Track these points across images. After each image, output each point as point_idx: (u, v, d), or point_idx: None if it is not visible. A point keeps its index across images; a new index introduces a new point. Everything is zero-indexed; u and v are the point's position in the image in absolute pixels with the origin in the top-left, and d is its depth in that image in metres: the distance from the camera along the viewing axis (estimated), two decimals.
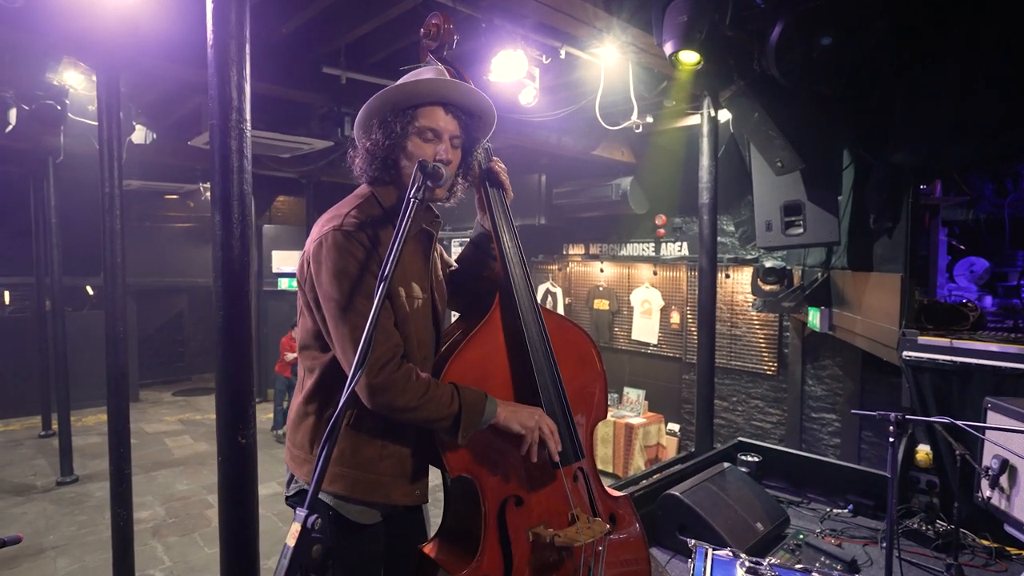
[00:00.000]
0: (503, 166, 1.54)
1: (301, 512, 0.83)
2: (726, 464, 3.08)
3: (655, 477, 3.45)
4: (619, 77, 3.57)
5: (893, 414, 1.56)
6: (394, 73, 4.24)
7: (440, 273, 1.54)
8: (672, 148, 5.92)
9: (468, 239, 1.63)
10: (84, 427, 7.63)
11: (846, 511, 2.96)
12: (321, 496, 1.30)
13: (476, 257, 1.60)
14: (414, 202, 1.12)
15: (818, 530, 2.77)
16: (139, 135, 4.82)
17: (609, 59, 3.31)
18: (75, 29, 3.08)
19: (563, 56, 3.19)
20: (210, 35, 1.67)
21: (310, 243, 1.28)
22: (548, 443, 1.29)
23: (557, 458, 1.32)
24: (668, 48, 2.59)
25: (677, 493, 2.66)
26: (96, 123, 3.34)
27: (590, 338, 1.57)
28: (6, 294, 8.72)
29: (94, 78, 3.47)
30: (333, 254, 1.22)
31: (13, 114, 4.58)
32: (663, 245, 6.84)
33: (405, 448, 1.33)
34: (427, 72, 1.37)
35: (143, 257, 8.93)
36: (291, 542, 0.81)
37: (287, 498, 1.36)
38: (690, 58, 2.62)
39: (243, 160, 1.71)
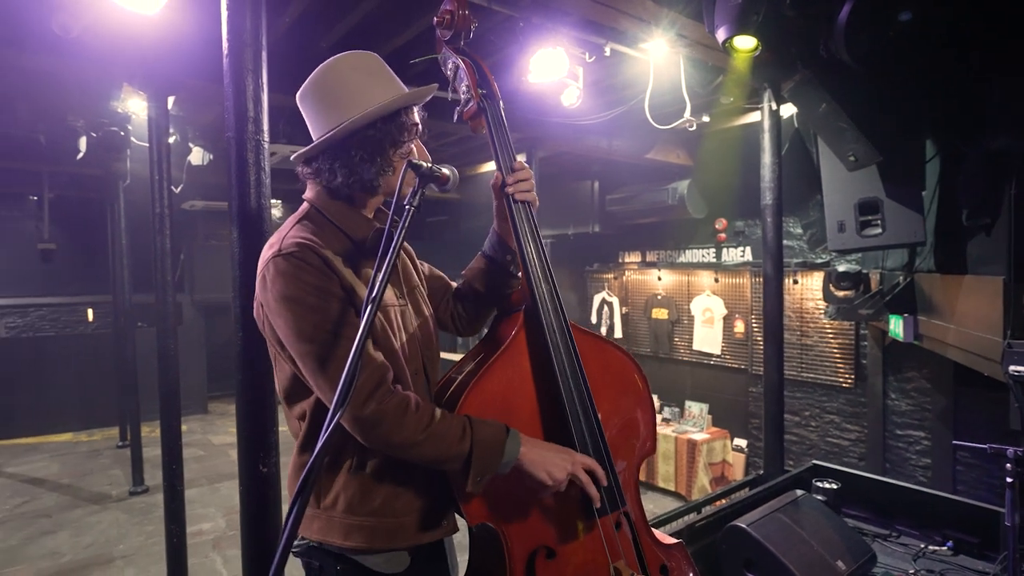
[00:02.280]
0: (528, 171, 1.35)
1: None
2: (799, 492, 2.77)
3: (720, 504, 3.17)
4: (670, 73, 3.35)
5: (1012, 450, 1.29)
6: (437, 81, 4.20)
7: (415, 276, 1.38)
8: (731, 148, 5.59)
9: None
10: (155, 439, 7.96)
11: (945, 548, 2.60)
12: (336, 551, 1.16)
13: (490, 269, 1.42)
14: (410, 209, 0.99)
15: (911, 570, 2.43)
16: (197, 156, 4.97)
17: (658, 54, 3.10)
18: (126, 55, 3.16)
19: (608, 53, 3.01)
20: (225, 44, 1.60)
21: (257, 283, 1.13)
22: (588, 490, 1.11)
23: (598, 504, 1.13)
24: (721, 34, 2.36)
25: (744, 525, 2.40)
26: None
27: (634, 362, 1.36)
28: (89, 312, 9.29)
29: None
30: (278, 283, 1.06)
31: (83, 142, 4.82)
32: (724, 250, 6.48)
33: (420, 478, 1.17)
34: (367, 59, 1.24)
35: (211, 274, 9.31)
36: None
37: (294, 552, 1.22)
38: (746, 44, 2.38)
39: (260, 173, 1.63)
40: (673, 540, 1.35)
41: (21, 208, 8.19)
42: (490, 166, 7.95)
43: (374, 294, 0.90)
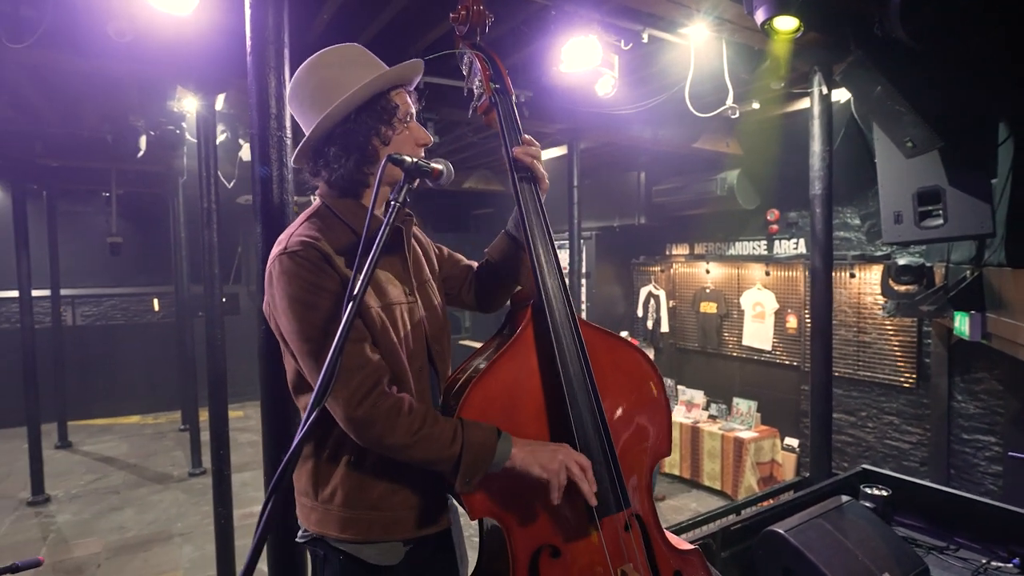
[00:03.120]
0: (534, 149, 1.28)
1: None
2: (845, 498, 2.63)
3: (765, 504, 3.06)
4: (711, 59, 3.22)
5: None
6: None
7: (429, 270, 1.36)
8: (784, 135, 5.35)
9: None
10: None
11: (1010, 565, 2.40)
12: (333, 543, 1.18)
13: (511, 247, 1.40)
14: (395, 207, 0.97)
15: None
16: (247, 152, 5.14)
17: (699, 39, 2.97)
18: (176, 57, 3.29)
19: (646, 40, 2.91)
20: (248, 42, 1.63)
21: (265, 279, 1.15)
22: (580, 485, 1.07)
23: (594, 501, 1.09)
24: (760, 15, 2.23)
25: (781, 531, 2.29)
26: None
27: (648, 361, 1.31)
28: (155, 301, 9.83)
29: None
30: (282, 281, 1.08)
31: (143, 141, 5.07)
32: (776, 242, 6.22)
33: (418, 475, 1.16)
34: (359, 52, 1.22)
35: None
36: None
37: (300, 542, 1.24)
38: (787, 25, 2.25)
39: (283, 169, 1.65)
40: (690, 546, 1.30)
41: (93, 204, 8.71)
42: None
43: (355, 291, 0.89)
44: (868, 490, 2.76)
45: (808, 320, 5.83)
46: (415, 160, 1.04)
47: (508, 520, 1.14)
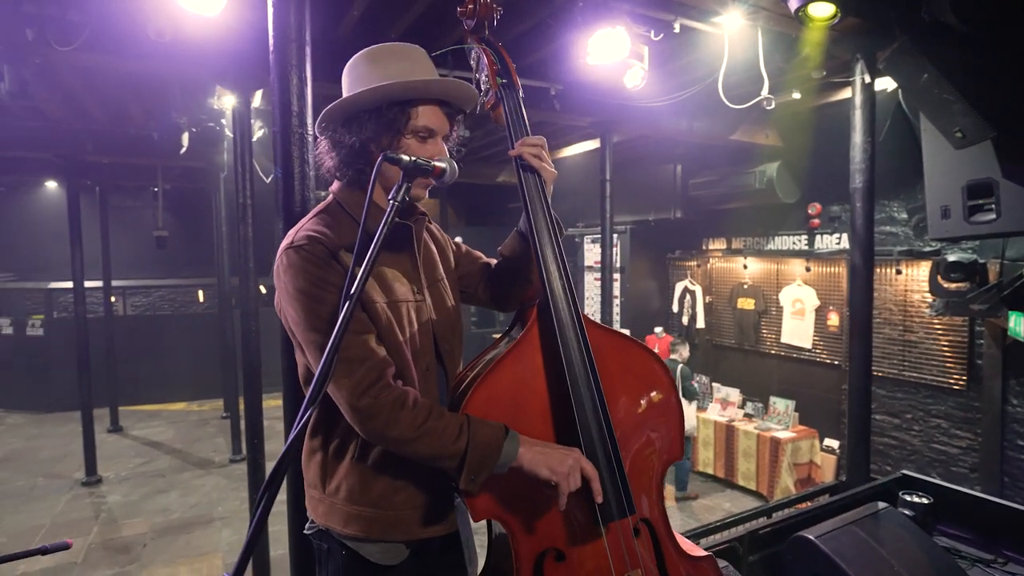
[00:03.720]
0: (537, 141, 1.26)
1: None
2: (882, 504, 2.52)
3: (797, 508, 2.96)
4: (746, 49, 3.11)
5: None
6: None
7: (444, 268, 1.34)
8: (826, 126, 5.16)
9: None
10: None
11: None
12: (338, 537, 1.18)
13: (522, 245, 1.38)
14: (394, 205, 0.96)
15: None
16: None
17: (733, 27, 2.88)
18: (213, 55, 3.37)
19: (677, 29, 2.83)
20: (271, 40, 1.65)
21: (274, 274, 1.16)
22: (592, 484, 1.05)
23: (600, 499, 1.07)
24: (794, 2, 2.14)
25: (812, 536, 2.21)
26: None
27: (660, 364, 1.27)
28: (200, 293, 10.18)
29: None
30: (289, 275, 1.08)
31: (185, 137, 5.24)
32: (818, 237, 6.01)
33: (422, 474, 1.15)
34: (406, 51, 1.20)
35: None
36: None
37: (307, 534, 1.26)
38: (823, 11, 2.15)
39: (304, 167, 1.67)
40: (703, 552, 1.26)
41: (142, 199, 9.08)
42: (571, 149, 7.84)
43: (352, 290, 0.89)
44: (908, 497, 2.65)
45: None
46: (413, 159, 1.03)
47: (512, 522, 1.12)
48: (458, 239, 1.52)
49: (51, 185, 9.14)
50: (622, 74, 3.02)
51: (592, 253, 8.67)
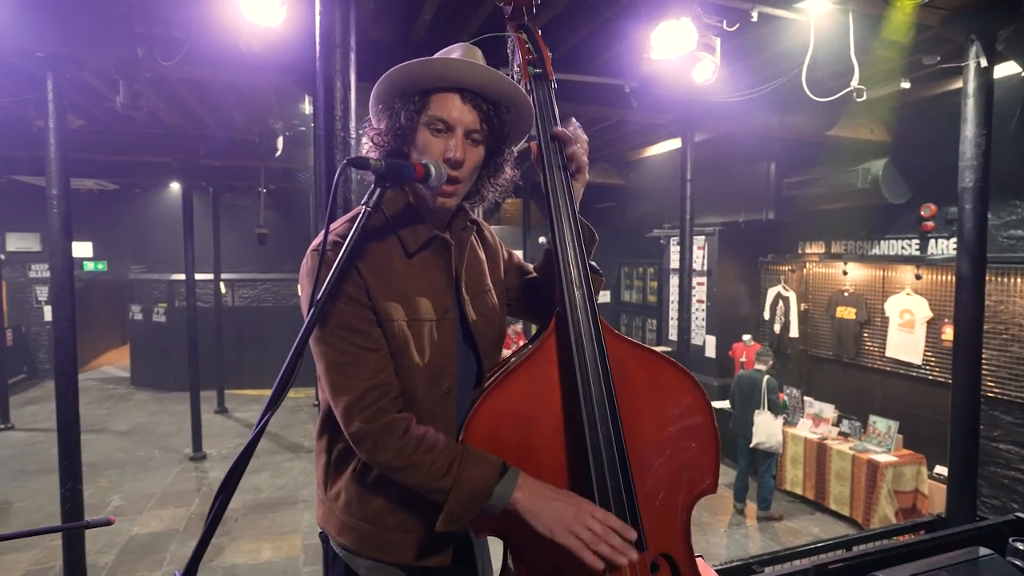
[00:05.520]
0: (578, 134, 1.16)
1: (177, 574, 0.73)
2: (985, 550, 2.20)
3: (882, 544, 2.67)
4: (839, 36, 2.84)
5: None
6: (590, 68, 4.07)
7: (493, 278, 1.27)
8: (942, 119, 4.62)
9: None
10: None
11: None
12: (335, 546, 1.18)
13: (550, 267, 1.24)
14: (365, 211, 0.94)
15: None
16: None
17: (819, 12, 2.63)
18: (296, 64, 3.56)
19: (755, 18, 2.63)
20: (317, 47, 1.70)
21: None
22: (580, 555, 0.93)
23: (599, 566, 0.93)
24: None
25: None
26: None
27: (695, 383, 1.14)
28: (299, 286, 10.88)
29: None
30: (305, 279, 1.05)
31: (280, 141, 5.60)
32: (932, 242, 5.42)
33: (419, 500, 1.07)
34: (456, 51, 1.13)
35: None
36: None
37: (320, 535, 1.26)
38: None
39: (347, 170, 1.70)
40: None
41: (250, 198, 9.83)
42: (655, 148, 7.59)
43: (317, 296, 0.89)
44: (1020, 545, 2.30)
45: None
46: (382, 161, 0.96)
47: (515, 545, 1.06)
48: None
49: (175, 186, 10.11)
50: (698, 69, 2.84)
51: (679, 255, 8.37)
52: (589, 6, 3.04)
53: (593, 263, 1.18)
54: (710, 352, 7.56)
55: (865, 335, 6.19)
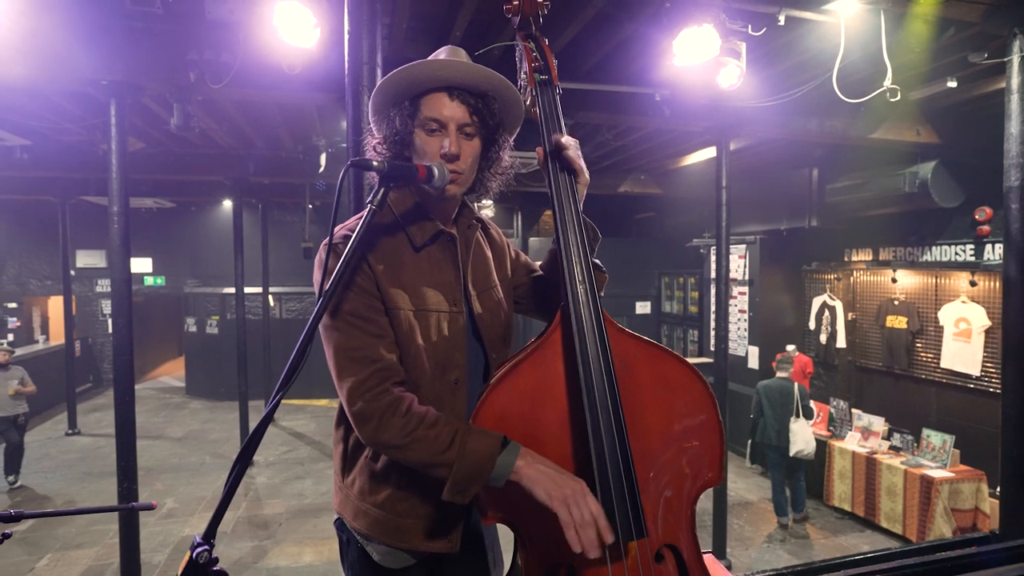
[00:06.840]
0: (573, 141, 1.20)
1: (196, 538, 0.80)
2: None
3: (923, 558, 2.55)
4: (873, 37, 2.78)
5: None
6: (604, 77, 4.11)
7: (499, 275, 1.32)
8: (993, 118, 4.43)
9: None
10: None
11: None
12: (349, 530, 1.23)
13: (555, 266, 1.30)
14: (371, 208, 0.99)
15: None
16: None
17: (849, 13, 2.59)
18: (333, 83, 3.72)
19: (782, 21, 2.62)
20: (346, 64, 1.80)
21: None
22: (565, 531, 0.96)
23: (577, 549, 0.95)
24: None
25: None
26: None
27: (700, 379, 1.16)
28: None
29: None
30: (317, 272, 1.11)
31: (323, 158, 5.82)
32: (988, 247, 5.18)
33: (429, 487, 1.10)
34: (441, 53, 1.19)
35: None
36: (179, 572, 0.77)
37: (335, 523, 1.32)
38: None
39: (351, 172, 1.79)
40: None
41: (296, 214, 10.20)
42: (693, 157, 7.52)
43: (327, 286, 0.94)
44: None
45: None
46: (385, 162, 1.03)
47: (521, 531, 1.10)
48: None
49: (227, 203, 10.60)
50: (727, 76, 2.82)
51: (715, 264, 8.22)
52: (612, 19, 3.08)
53: (596, 260, 1.22)
54: (753, 363, 7.38)
55: (918, 345, 5.95)
